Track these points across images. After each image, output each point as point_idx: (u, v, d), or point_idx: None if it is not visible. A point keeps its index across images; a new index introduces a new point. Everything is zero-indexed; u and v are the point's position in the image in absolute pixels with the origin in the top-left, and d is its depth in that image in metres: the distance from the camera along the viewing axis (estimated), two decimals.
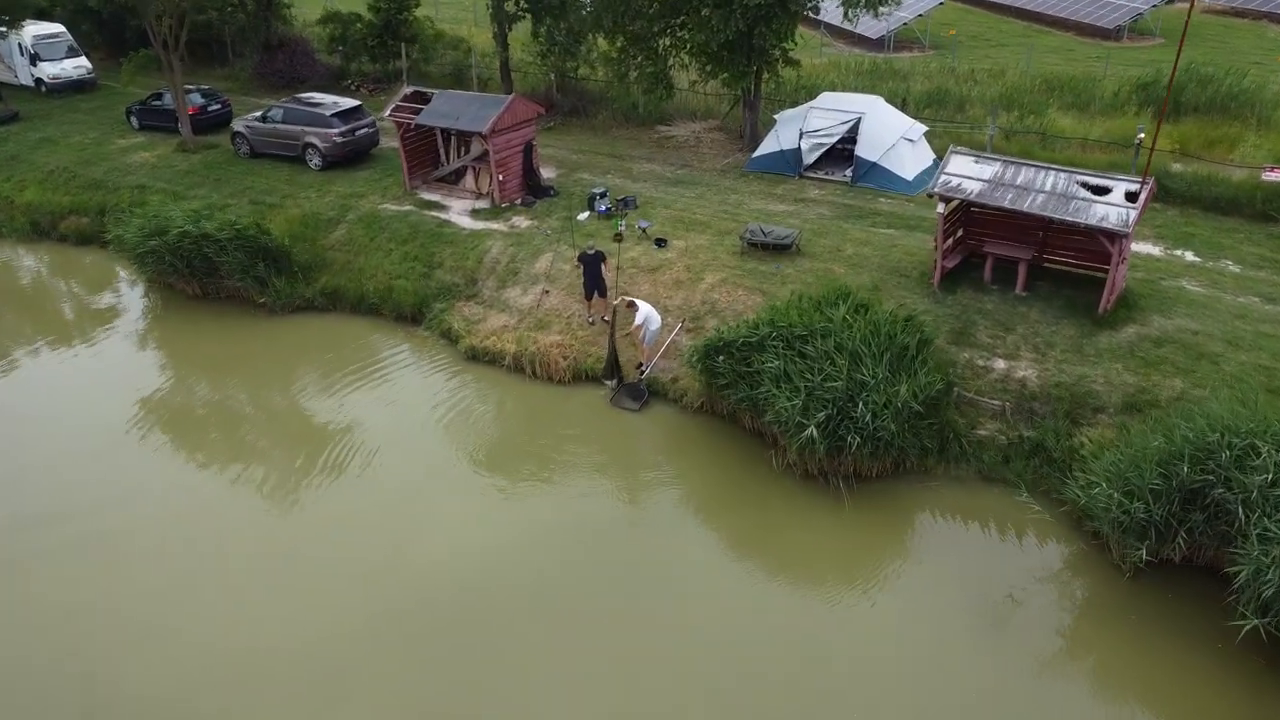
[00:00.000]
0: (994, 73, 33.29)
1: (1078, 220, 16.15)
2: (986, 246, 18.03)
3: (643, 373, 17.70)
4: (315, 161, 26.25)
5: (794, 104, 26.81)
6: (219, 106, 30.31)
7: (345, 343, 20.05)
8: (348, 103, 26.80)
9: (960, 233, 18.55)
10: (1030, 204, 16.56)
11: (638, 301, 17.56)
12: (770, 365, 14.95)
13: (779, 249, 19.84)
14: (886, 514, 14.62)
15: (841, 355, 14.73)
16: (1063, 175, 16.94)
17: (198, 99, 29.70)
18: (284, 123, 26.48)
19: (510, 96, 22.59)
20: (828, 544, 14.30)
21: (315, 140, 25.95)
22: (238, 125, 27.52)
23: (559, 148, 27.39)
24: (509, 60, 30.73)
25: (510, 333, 19.11)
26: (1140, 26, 41.42)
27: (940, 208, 17.29)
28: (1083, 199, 16.37)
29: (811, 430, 14.27)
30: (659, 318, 17.54)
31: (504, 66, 30.53)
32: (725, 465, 15.80)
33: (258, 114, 27.37)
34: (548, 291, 19.84)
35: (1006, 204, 16.74)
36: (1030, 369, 16.06)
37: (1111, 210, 16.04)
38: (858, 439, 14.27)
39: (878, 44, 39.42)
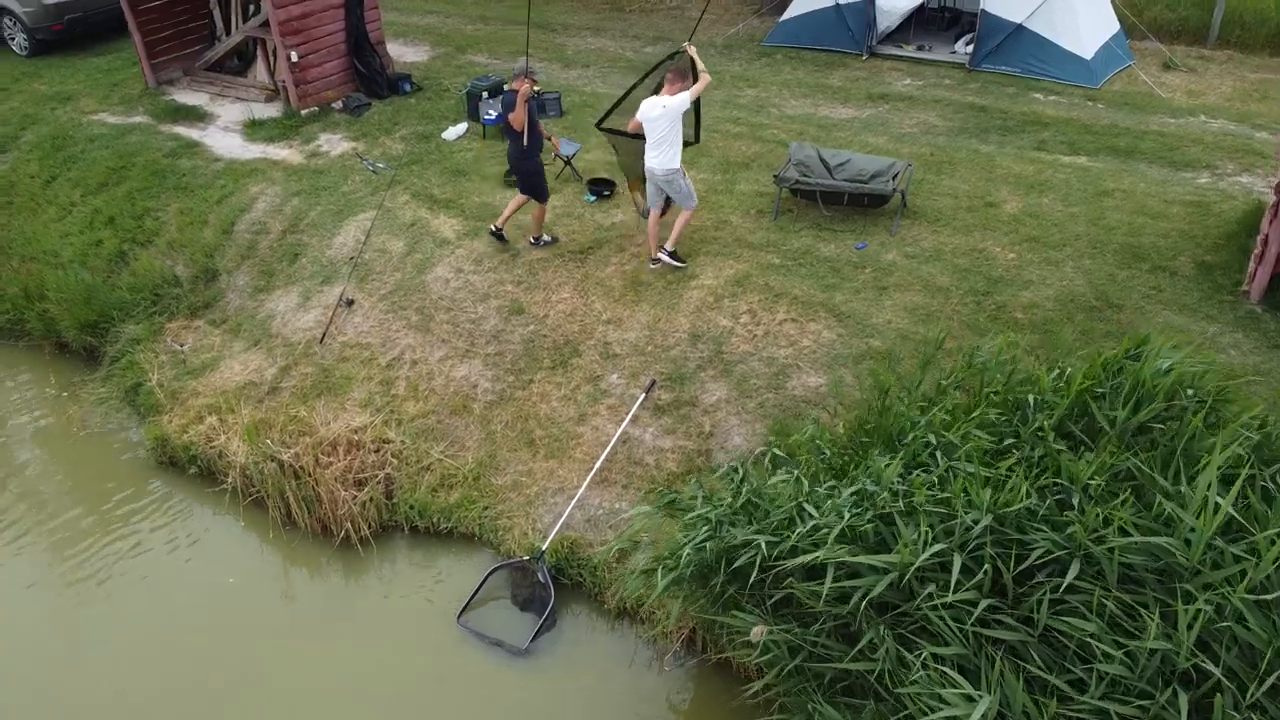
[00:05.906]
0: None
1: None
2: None
3: (656, 261, 8.01)
4: (19, 41, 15.06)
5: None
6: None
7: None
8: None
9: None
10: None
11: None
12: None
13: (865, 202, 9.00)
14: None
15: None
16: None
17: None
18: None
19: None
20: None
21: (13, 4, 14.70)
22: None
23: (445, 14, 16.16)
24: None
25: (255, 402, 8.36)
26: None
27: None
28: None
29: None
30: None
31: None
32: None
33: None
34: (351, 301, 9.03)
35: None
36: None
37: None
38: None
39: None
